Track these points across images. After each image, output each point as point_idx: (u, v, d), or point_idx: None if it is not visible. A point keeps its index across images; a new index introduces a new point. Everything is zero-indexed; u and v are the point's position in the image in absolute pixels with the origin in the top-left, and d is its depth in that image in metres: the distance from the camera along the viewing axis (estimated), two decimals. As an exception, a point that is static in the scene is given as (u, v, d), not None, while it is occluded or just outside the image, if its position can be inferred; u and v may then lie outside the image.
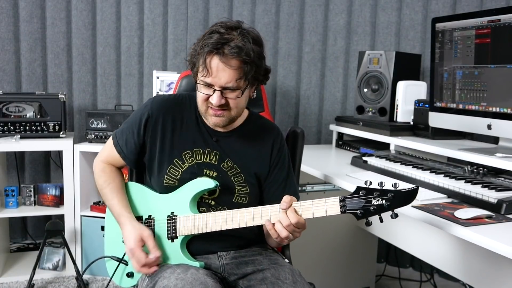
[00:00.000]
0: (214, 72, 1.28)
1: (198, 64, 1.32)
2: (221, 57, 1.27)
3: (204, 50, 1.28)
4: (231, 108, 1.35)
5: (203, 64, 1.28)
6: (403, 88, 2.42)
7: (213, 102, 1.32)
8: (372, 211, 1.20)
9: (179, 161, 1.43)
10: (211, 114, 1.37)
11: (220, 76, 1.29)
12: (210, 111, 1.36)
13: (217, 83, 1.29)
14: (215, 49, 1.26)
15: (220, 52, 1.27)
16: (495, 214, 1.39)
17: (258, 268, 1.40)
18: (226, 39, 1.27)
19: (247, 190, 1.46)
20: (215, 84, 1.30)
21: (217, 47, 1.26)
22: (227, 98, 1.33)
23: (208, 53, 1.27)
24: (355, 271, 2.57)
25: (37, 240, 2.99)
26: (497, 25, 1.77)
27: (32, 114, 2.62)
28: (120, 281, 1.51)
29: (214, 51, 1.27)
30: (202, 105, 1.37)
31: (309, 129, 3.04)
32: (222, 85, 1.30)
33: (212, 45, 1.26)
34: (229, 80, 1.29)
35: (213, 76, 1.29)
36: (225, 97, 1.32)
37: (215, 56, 1.27)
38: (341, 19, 2.94)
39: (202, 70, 1.29)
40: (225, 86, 1.30)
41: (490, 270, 1.67)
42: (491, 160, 1.75)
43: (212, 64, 1.28)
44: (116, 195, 1.46)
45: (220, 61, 1.27)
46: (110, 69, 2.98)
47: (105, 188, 1.49)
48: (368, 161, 2.01)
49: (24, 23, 2.86)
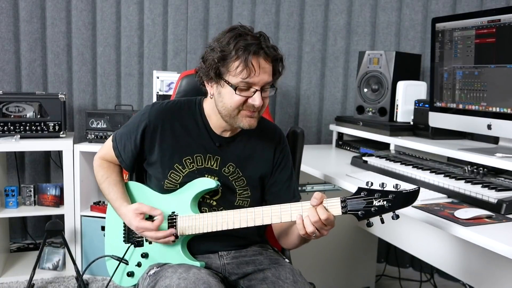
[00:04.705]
0: (258, 71, 1.29)
1: (231, 67, 1.30)
2: (264, 56, 1.29)
3: (241, 52, 1.27)
4: (263, 108, 1.36)
5: (245, 64, 1.27)
6: (403, 88, 2.42)
7: (256, 103, 1.31)
8: (373, 212, 1.20)
9: (179, 166, 1.43)
10: (246, 116, 1.35)
11: (262, 75, 1.30)
12: (243, 113, 1.34)
13: (260, 82, 1.30)
14: (257, 49, 1.28)
15: (262, 52, 1.29)
16: (495, 214, 1.39)
17: (259, 268, 1.41)
18: (256, 39, 1.30)
19: (248, 193, 1.46)
20: (257, 83, 1.30)
21: (258, 48, 1.28)
22: (263, 98, 1.33)
23: (252, 54, 1.27)
24: (355, 271, 2.57)
25: (37, 240, 2.99)
26: (502, 25, 1.77)
27: (32, 114, 2.62)
28: (121, 281, 1.51)
29: (257, 51, 1.28)
30: (235, 109, 1.34)
31: (309, 129, 3.04)
32: (263, 83, 1.31)
33: (251, 46, 1.27)
34: (269, 78, 1.33)
35: (257, 74, 1.29)
36: (262, 98, 1.33)
37: (258, 56, 1.29)
38: (341, 19, 2.94)
39: (242, 71, 1.28)
40: (265, 84, 1.32)
41: (490, 270, 1.67)
42: (491, 160, 1.75)
43: (257, 63, 1.29)
44: (113, 189, 1.48)
45: (263, 60, 1.30)
46: (110, 69, 2.98)
47: (103, 182, 1.52)
48: (368, 161, 2.01)
49: (24, 23, 2.86)
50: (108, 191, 1.49)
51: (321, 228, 1.24)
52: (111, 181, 1.50)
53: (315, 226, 1.23)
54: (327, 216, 1.22)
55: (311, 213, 1.23)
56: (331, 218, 1.23)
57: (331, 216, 1.23)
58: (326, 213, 1.22)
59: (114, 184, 1.49)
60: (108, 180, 1.50)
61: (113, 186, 1.49)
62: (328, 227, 1.25)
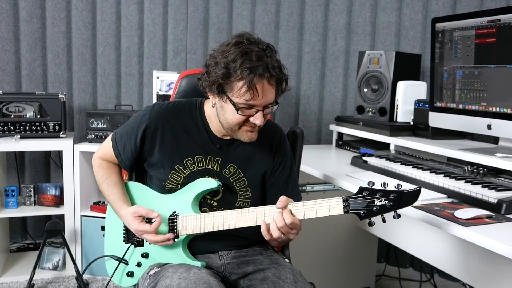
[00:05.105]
0: (261, 95, 1.28)
1: (235, 87, 1.28)
2: (267, 79, 1.27)
3: (246, 74, 1.25)
4: (264, 121, 1.36)
5: (248, 87, 1.26)
6: (403, 88, 2.42)
7: (258, 122, 1.32)
8: (375, 211, 1.21)
9: (180, 167, 1.43)
10: (246, 131, 1.36)
11: (265, 97, 1.29)
12: (244, 128, 1.36)
13: (262, 103, 1.30)
14: (262, 72, 1.25)
15: (266, 74, 1.26)
16: (495, 214, 1.39)
17: (259, 268, 1.41)
18: (261, 58, 1.27)
19: (249, 194, 1.46)
20: (260, 105, 1.30)
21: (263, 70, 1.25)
22: (265, 115, 1.34)
23: (258, 77, 1.25)
24: (355, 271, 2.57)
25: (37, 240, 2.99)
26: (502, 25, 1.77)
27: (32, 114, 2.62)
28: (120, 281, 1.51)
29: (262, 74, 1.26)
30: (236, 125, 1.35)
31: (309, 129, 3.04)
32: (267, 103, 1.31)
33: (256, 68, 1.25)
34: (272, 98, 1.32)
35: (260, 98, 1.28)
36: (264, 114, 1.33)
37: (262, 79, 1.27)
38: (341, 19, 2.94)
39: (245, 93, 1.27)
40: (267, 104, 1.31)
41: (490, 270, 1.67)
42: (491, 160, 1.75)
43: (261, 87, 1.27)
44: (112, 190, 1.48)
45: (267, 83, 1.28)
46: (110, 69, 2.98)
47: (102, 183, 1.52)
48: (368, 161, 2.01)
49: (24, 23, 2.86)
50: (108, 192, 1.49)
51: (287, 233, 1.26)
52: (110, 182, 1.50)
53: (281, 231, 1.24)
54: (292, 220, 1.24)
55: (278, 218, 1.24)
56: (296, 222, 1.25)
57: (296, 220, 1.25)
58: (291, 217, 1.24)
59: (114, 186, 1.49)
60: (107, 181, 1.50)
61: (112, 187, 1.49)
62: (294, 230, 1.27)
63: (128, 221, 1.40)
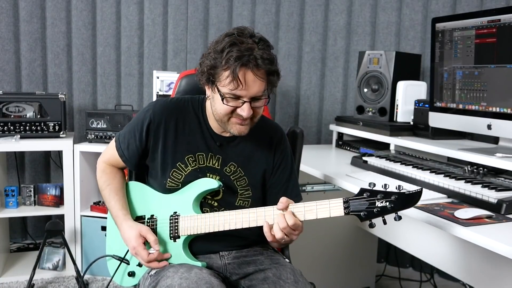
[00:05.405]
0: (245, 85, 1.27)
1: (221, 77, 1.29)
2: (253, 69, 1.26)
3: (231, 63, 1.25)
4: (256, 116, 1.36)
5: (233, 77, 1.25)
6: (403, 88, 2.42)
7: (244, 114, 1.30)
8: (375, 213, 1.21)
9: (182, 164, 1.43)
10: (235, 123, 1.35)
11: (251, 88, 1.28)
12: (233, 120, 1.35)
13: (248, 94, 1.29)
14: (247, 62, 1.24)
15: (252, 64, 1.25)
16: (495, 214, 1.39)
17: (260, 268, 1.41)
18: (250, 49, 1.26)
19: (250, 193, 1.46)
20: (245, 96, 1.29)
21: (249, 60, 1.25)
22: (254, 108, 1.33)
23: (240, 66, 1.24)
24: (355, 271, 2.57)
25: (37, 240, 2.99)
26: (502, 25, 1.77)
27: (32, 114, 2.62)
28: (121, 281, 1.51)
29: (247, 64, 1.25)
30: (224, 116, 1.34)
31: (309, 129, 3.04)
32: (253, 96, 1.30)
33: (242, 58, 1.24)
34: (259, 91, 1.30)
35: (245, 88, 1.27)
36: (253, 107, 1.32)
37: (247, 69, 1.26)
38: (341, 19, 2.94)
39: (230, 83, 1.26)
40: (254, 96, 1.30)
41: (490, 270, 1.67)
42: (491, 160, 1.75)
43: (245, 77, 1.26)
44: (114, 197, 1.47)
45: (252, 73, 1.26)
46: (110, 69, 2.98)
47: (104, 189, 1.50)
48: (368, 161, 2.01)
49: (24, 23, 2.86)
50: (109, 198, 1.47)
51: (290, 234, 1.26)
52: (112, 188, 1.49)
53: (284, 232, 1.24)
54: (294, 221, 1.24)
55: (280, 219, 1.24)
56: (299, 223, 1.25)
57: (298, 221, 1.25)
58: (294, 218, 1.24)
59: (116, 193, 1.48)
60: (109, 187, 1.49)
61: (114, 194, 1.47)
62: (296, 231, 1.27)
63: (130, 235, 1.38)
